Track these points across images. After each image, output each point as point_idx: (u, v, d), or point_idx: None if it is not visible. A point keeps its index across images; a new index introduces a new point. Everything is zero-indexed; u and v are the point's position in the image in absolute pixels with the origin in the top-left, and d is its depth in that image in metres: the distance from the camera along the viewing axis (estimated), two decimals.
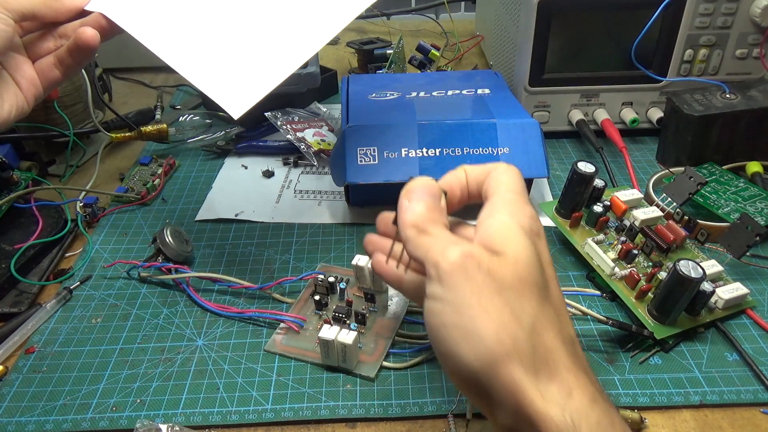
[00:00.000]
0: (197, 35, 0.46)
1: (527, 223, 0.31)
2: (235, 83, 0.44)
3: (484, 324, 0.28)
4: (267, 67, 0.45)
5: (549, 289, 0.30)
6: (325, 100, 0.85)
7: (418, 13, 1.14)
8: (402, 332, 0.47)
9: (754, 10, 0.64)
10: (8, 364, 0.46)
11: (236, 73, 0.44)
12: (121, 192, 0.64)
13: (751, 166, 0.62)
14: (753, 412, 0.41)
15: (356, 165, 0.57)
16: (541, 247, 0.31)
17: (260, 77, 0.44)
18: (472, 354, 0.28)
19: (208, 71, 0.44)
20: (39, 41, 0.44)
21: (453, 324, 0.28)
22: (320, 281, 0.49)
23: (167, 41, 0.45)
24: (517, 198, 0.32)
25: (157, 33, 0.45)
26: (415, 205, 0.32)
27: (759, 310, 0.48)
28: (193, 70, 0.44)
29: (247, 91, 0.43)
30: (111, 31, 0.44)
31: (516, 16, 0.71)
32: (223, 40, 0.46)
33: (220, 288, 0.52)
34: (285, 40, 0.46)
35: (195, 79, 0.44)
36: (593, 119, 0.72)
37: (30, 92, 0.44)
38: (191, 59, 0.44)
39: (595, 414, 0.27)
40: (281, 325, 0.48)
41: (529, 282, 0.29)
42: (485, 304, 0.28)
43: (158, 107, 0.82)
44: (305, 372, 0.44)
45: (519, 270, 0.29)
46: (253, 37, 0.46)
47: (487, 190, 0.34)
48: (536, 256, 0.30)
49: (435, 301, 0.30)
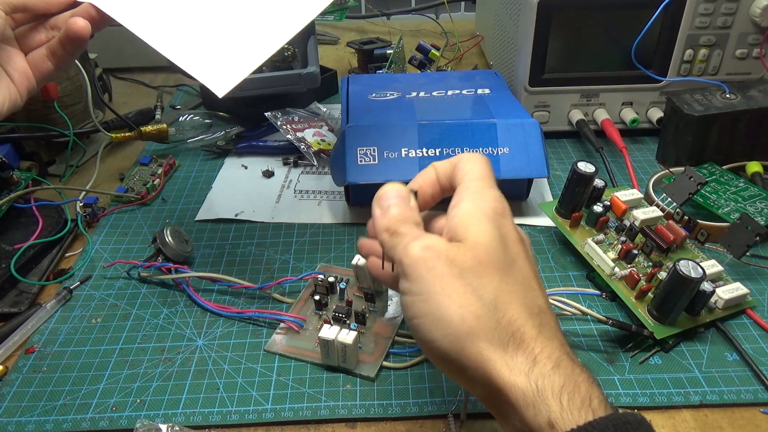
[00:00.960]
0: (181, 16, 0.46)
1: (490, 206, 0.33)
2: (219, 62, 0.44)
3: (448, 307, 0.30)
4: (251, 45, 0.45)
5: (513, 265, 0.32)
6: (325, 100, 0.85)
7: (418, 13, 1.14)
8: (402, 332, 0.47)
9: (754, 10, 0.64)
10: (8, 364, 0.46)
11: (220, 52, 0.45)
12: (121, 192, 0.64)
13: (751, 166, 0.62)
14: (753, 412, 0.41)
15: (356, 165, 0.57)
16: (506, 227, 0.33)
17: (245, 55, 0.44)
18: (442, 337, 0.30)
19: (191, 51, 0.44)
20: (31, 33, 0.44)
21: (423, 313, 0.31)
22: (320, 281, 0.49)
23: (152, 25, 0.45)
24: (480, 184, 0.34)
25: (143, 17, 0.45)
26: (385, 211, 0.34)
27: (759, 310, 0.48)
28: (177, 50, 0.44)
29: (231, 70, 0.43)
30: (101, 21, 0.44)
31: (516, 16, 0.71)
32: (207, 19, 0.46)
33: (220, 288, 0.52)
34: (269, 17, 0.46)
35: (179, 59, 0.44)
36: (593, 119, 0.72)
37: (23, 85, 0.44)
38: (175, 40, 0.44)
39: (558, 378, 0.28)
40: (281, 325, 0.48)
41: (488, 262, 0.31)
42: (448, 290, 0.30)
43: (158, 107, 0.82)
44: (305, 372, 0.44)
45: (478, 253, 0.31)
46: (237, 15, 0.46)
47: (454, 181, 0.35)
48: (497, 238, 0.32)
49: (406, 295, 0.32)
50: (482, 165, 0.35)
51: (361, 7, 1.15)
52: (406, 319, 0.32)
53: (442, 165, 0.37)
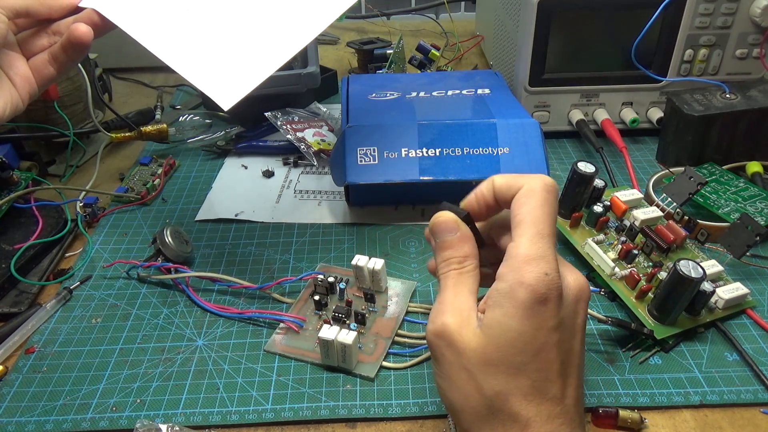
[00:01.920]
0: (188, 28, 0.46)
1: (529, 291, 0.30)
2: (226, 75, 0.44)
3: (453, 395, 0.32)
4: (257, 59, 0.45)
5: (534, 360, 0.30)
6: (325, 100, 0.85)
7: (418, 13, 1.14)
8: (402, 332, 0.47)
9: (754, 10, 0.64)
10: (8, 364, 0.46)
11: (226, 64, 0.45)
12: (121, 192, 0.64)
13: (751, 166, 0.62)
14: (753, 412, 0.41)
15: (356, 165, 0.57)
16: (542, 316, 0.30)
17: (251, 69, 0.44)
18: (452, 414, 0.34)
19: (198, 63, 0.44)
20: (33, 38, 0.44)
21: (439, 385, 0.34)
22: (320, 281, 0.49)
23: (158, 35, 0.45)
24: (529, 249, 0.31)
25: (149, 27, 0.45)
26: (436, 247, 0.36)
27: (759, 310, 0.48)
28: (183, 62, 0.44)
29: (237, 83, 0.43)
30: (104, 26, 0.44)
31: (516, 16, 0.71)
32: (214, 32, 0.46)
33: (220, 288, 0.52)
34: (275, 31, 0.46)
35: (185, 71, 0.44)
36: (593, 119, 0.72)
37: (24, 89, 0.44)
38: (182, 52, 0.44)
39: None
40: (281, 325, 0.48)
41: (498, 364, 0.31)
42: (455, 377, 0.32)
43: (158, 107, 0.82)
44: (305, 372, 0.44)
45: (489, 353, 0.31)
46: (244, 28, 0.46)
47: (512, 216, 0.33)
48: (521, 335, 0.30)
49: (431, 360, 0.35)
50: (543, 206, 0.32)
51: (361, 7, 1.15)
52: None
53: (499, 185, 0.35)
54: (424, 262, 0.54)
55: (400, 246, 0.57)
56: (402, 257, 0.55)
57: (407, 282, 0.52)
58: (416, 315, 0.49)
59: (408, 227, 0.59)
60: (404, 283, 0.52)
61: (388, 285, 0.51)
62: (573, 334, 0.32)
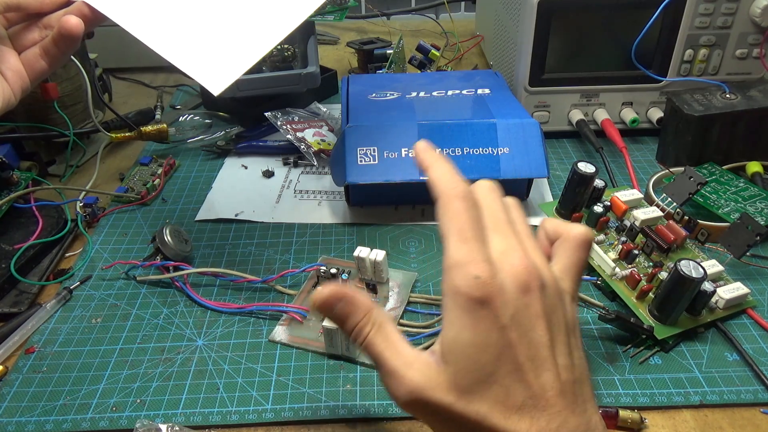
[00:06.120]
0: (176, 15, 0.46)
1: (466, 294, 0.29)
2: (215, 60, 0.44)
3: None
4: (247, 44, 0.45)
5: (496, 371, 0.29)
6: (325, 100, 0.85)
7: (418, 13, 1.14)
8: (403, 322, 0.47)
9: (754, 10, 0.64)
10: (8, 364, 0.46)
11: (215, 50, 0.45)
12: (121, 192, 0.64)
13: (751, 166, 0.62)
14: (753, 412, 0.41)
15: (356, 165, 0.57)
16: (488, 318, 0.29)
17: (240, 54, 0.44)
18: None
19: (187, 50, 0.44)
20: (24, 32, 0.44)
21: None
22: (322, 273, 0.50)
23: (147, 23, 0.45)
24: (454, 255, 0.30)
25: (137, 16, 0.45)
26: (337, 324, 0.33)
27: (759, 310, 0.48)
28: (172, 49, 0.44)
29: (227, 68, 0.43)
30: (94, 18, 0.44)
31: (516, 16, 0.71)
32: (202, 18, 0.46)
33: (221, 283, 0.52)
34: (264, 15, 0.46)
35: (175, 58, 0.44)
36: (593, 119, 0.72)
37: (17, 84, 0.44)
38: (171, 39, 0.44)
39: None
40: (284, 317, 0.48)
41: (470, 388, 0.29)
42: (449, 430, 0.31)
43: (158, 107, 0.82)
44: (305, 372, 0.44)
45: (458, 381, 0.29)
46: (232, 13, 0.46)
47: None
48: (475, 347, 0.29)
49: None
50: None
51: (361, 7, 1.15)
52: None
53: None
54: (425, 261, 0.55)
55: (400, 246, 0.57)
56: (402, 257, 0.55)
57: (408, 273, 0.52)
58: (417, 305, 0.50)
59: (408, 227, 0.59)
60: (405, 273, 0.52)
61: (390, 276, 0.51)
62: (531, 326, 0.29)
